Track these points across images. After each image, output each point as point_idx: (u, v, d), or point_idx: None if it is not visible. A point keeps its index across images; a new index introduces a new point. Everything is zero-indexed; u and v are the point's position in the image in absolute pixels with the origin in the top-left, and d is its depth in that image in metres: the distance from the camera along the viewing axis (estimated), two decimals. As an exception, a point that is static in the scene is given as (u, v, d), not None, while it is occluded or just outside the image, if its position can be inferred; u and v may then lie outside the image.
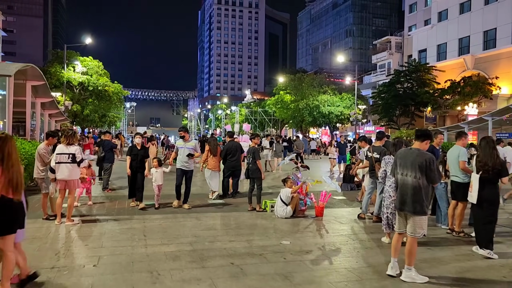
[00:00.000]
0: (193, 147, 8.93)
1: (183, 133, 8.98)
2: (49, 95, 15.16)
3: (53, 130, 8.33)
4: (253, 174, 8.50)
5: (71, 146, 7.09)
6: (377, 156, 7.53)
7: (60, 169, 6.97)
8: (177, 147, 9.05)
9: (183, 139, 8.97)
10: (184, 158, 8.79)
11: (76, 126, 34.82)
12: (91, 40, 30.65)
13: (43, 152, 7.38)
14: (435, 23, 43.69)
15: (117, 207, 8.85)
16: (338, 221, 7.77)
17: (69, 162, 7.02)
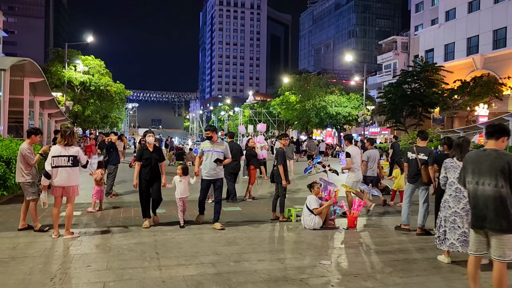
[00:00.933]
0: (223, 151, 7.10)
1: (211, 133, 7.16)
2: (49, 93, 14.23)
3: (35, 127, 7.16)
4: (278, 179, 7.56)
5: (70, 147, 6.12)
6: (424, 157, 6.66)
7: (58, 174, 5.99)
8: (203, 150, 7.18)
9: (211, 141, 7.14)
10: (212, 164, 7.00)
11: (77, 127, 33.89)
12: (92, 38, 29.77)
13: (27, 153, 6.36)
14: (443, 23, 43.00)
15: (122, 215, 7.89)
16: (376, 234, 6.79)
17: (69, 166, 6.06)
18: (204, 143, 7.30)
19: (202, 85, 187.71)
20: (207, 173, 7.06)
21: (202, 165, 7.15)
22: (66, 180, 6.03)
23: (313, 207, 6.79)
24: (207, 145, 7.16)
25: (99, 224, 7.12)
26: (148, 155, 7.02)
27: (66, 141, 6.13)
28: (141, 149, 7.19)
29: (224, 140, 9.61)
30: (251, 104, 69.43)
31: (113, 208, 8.65)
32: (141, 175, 6.98)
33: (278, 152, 7.59)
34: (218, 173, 7.11)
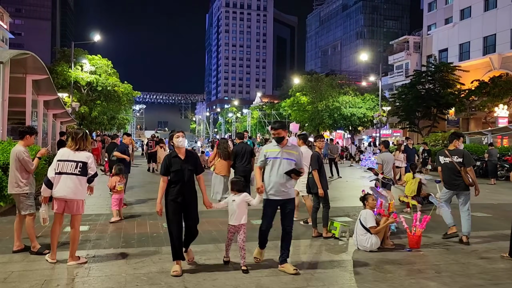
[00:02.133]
0: (295, 159, 5.02)
1: (281, 132, 5.00)
2: (54, 92, 13.19)
3: (29, 126, 5.88)
4: (314, 188, 6.39)
5: (81, 152, 4.98)
6: (459, 160, 6.42)
7: (62, 182, 4.82)
8: (267, 157, 5.03)
9: (280, 143, 5.02)
10: (281, 177, 4.88)
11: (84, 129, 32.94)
12: (99, 37, 28.80)
13: (24, 157, 5.21)
14: (457, 21, 42.03)
15: (137, 231, 6.72)
16: (447, 256, 5.57)
17: (77, 174, 4.88)
18: (268, 147, 5.19)
19: (208, 87, 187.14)
20: (274, 191, 4.92)
21: (264, 179, 5.01)
22: (71, 191, 4.85)
23: (370, 224, 5.59)
24: (274, 149, 5.03)
25: (111, 243, 5.96)
26: (178, 165, 4.80)
27: (77, 145, 5.00)
28: (168, 157, 4.93)
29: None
30: (260, 105, 68.39)
31: (126, 221, 7.51)
32: (168, 196, 4.80)
33: (314, 156, 6.43)
34: (289, 190, 4.99)
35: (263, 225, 5.05)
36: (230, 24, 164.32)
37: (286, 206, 4.97)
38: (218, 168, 9.19)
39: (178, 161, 4.85)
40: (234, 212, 4.98)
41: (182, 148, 4.95)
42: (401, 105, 34.90)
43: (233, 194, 5.09)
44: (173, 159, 4.86)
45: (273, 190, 4.91)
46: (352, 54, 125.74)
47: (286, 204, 4.97)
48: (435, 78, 34.06)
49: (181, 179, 4.78)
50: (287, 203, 4.98)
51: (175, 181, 4.79)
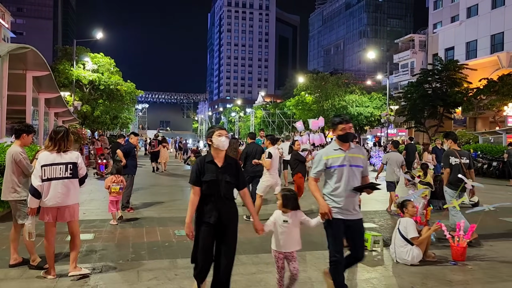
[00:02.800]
0: (362, 164, 3.98)
1: (348, 128, 3.88)
2: (55, 89, 12.61)
3: (26, 124, 5.08)
4: None
5: (68, 152, 4.40)
6: (467, 161, 6.31)
7: (52, 189, 4.25)
8: (328, 165, 3.90)
9: (342, 144, 3.92)
10: (349, 192, 3.85)
11: (86, 128, 32.34)
12: (101, 35, 28.23)
13: (22, 158, 4.63)
14: (464, 19, 41.57)
15: (146, 240, 6.12)
16: (498, 270, 4.96)
17: (68, 177, 4.31)
18: (327, 152, 3.96)
19: (210, 86, 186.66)
20: (340, 208, 3.81)
21: (325, 194, 3.93)
22: (64, 197, 4.29)
23: (412, 235, 4.97)
24: (336, 154, 3.87)
25: (119, 254, 5.35)
26: (213, 174, 3.62)
27: (57, 146, 4.36)
28: (200, 162, 3.72)
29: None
30: (263, 105, 67.76)
31: (133, 227, 6.91)
32: (200, 214, 3.65)
33: None
34: (358, 207, 3.99)
35: (332, 252, 3.80)
36: (232, 24, 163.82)
37: (355, 229, 3.85)
38: None
39: (213, 168, 3.61)
40: (284, 234, 3.80)
41: (223, 151, 3.70)
42: (407, 104, 34.47)
43: (284, 212, 3.86)
44: (207, 165, 3.63)
45: (338, 208, 3.81)
46: (355, 53, 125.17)
47: (355, 226, 3.83)
48: (442, 77, 33.58)
49: (215, 192, 3.59)
50: (356, 224, 3.85)
51: (208, 194, 3.60)
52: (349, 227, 3.82)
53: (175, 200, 10.08)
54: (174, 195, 11.09)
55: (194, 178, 3.64)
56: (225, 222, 3.61)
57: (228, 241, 3.62)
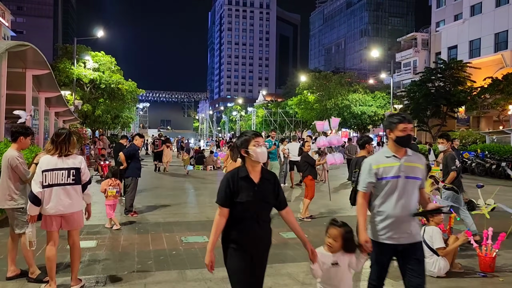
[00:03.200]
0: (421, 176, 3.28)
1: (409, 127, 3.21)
2: (56, 88, 12.29)
3: (23, 125, 4.81)
4: None
5: (71, 157, 4.10)
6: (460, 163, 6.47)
7: (54, 196, 3.96)
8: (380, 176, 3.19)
9: (400, 150, 3.22)
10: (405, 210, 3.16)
11: (86, 128, 32.03)
12: (102, 33, 27.87)
13: (19, 163, 4.30)
14: (467, 18, 41.29)
15: (152, 248, 5.79)
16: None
17: (70, 183, 4.02)
18: (377, 159, 3.24)
19: (211, 85, 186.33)
20: (390, 232, 3.12)
21: (373, 211, 3.24)
22: (68, 205, 4.00)
23: (438, 245, 4.64)
24: (389, 163, 3.17)
25: (124, 265, 5.01)
26: (250, 193, 2.88)
27: (60, 150, 4.06)
28: (231, 178, 2.93)
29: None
30: (264, 103, 67.43)
31: (138, 234, 6.59)
32: (229, 240, 2.92)
33: (354, 162, 5.49)
34: (414, 229, 3.17)
35: (372, 277, 3.26)
36: (233, 22, 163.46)
37: (410, 255, 3.10)
38: (229, 169, 8.48)
39: (249, 186, 2.87)
40: (332, 279, 2.99)
41: (259, 164, 2.96)
42: (410, 103, 34.21)
43: (332, 251, 3.01)
44: (241, 182, 2.88)
45: (388, 230, 3.10)
46: (356, 52, 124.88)
47: (410, 251, 3.10)
48: (445, 76, 33.31)
49: (251, 216, 2.88)
50: (412, 249, 3.11)
51: (241, 218, 2.88)
52: (402, 253, 3.10)
53: (180, 204, 9.76)
54: (179, 197, 10.78)
55: (223, 198, 2.87)
56: (260, 255, 2.95)
57: (261, 274, 3.01)
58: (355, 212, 3.31)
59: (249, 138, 2.95)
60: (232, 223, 2.89)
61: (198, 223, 7.45)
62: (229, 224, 2.89)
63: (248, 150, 2.90)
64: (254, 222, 2.88)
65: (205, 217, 8.06)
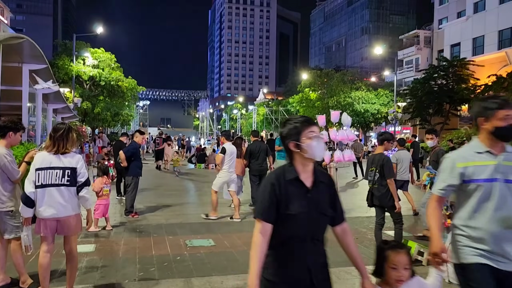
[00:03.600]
0: None
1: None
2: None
3: (13, 120, 4.05)
4: (382, 202, 5.06)
5: (68, 155, 3.67)
6: None
7: (48, 198, 3.55)
8: (468, 178, 2.42)
9: (498, 144, 2.44)
10: (505, 223, 2.35)
11: (86, 126, 31.63)
12: (102, 30, 27.38)
13: (7, 162, 3.86)
14: (471, 15, 40.94)
15: (155, 252, 5.36)
16: None
17: (66, 184, 3.60)
18: (464, 153, 2.52)
19: (211, 84, 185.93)
20: (487, 249, 2.34)
21: (457, 226, 2.47)
22: (62, 207, 3.58)
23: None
24: (482, 161, 2.41)
25: (124, 272, 4.59)
26: (302, 202, 2.10)
27: (57, 147, 3.65)
28: (275, 182, 2.10)
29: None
30: (265, 102, 66.98)
31: (139, 237, 6.17)
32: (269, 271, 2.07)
33: (386, 162, 5.09)
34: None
35: None
36: (233, 21, 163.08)
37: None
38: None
39: (300, 193, 2.11)
40: None
41: (311, 163, 2.17)
42: (413, 101, 33.90)
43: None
44: (289, 186, 2.10)
45: (485, 246, 2.34)
46: (358, 50, 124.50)
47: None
48: (448, 73, 33.02)
49: (302, 233, 2.09)
50: None
51: (290, 237, 2.09)
52: (503, 283, 2.31)
53: (183, 204, 9.34)
54: (181, 197, 10.37)
55: (267, 210, 2.07)
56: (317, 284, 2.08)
57: None
58: (367, 213, 2.86)
59: (300, 127, 2.14)
60: (276, 246, 2.08)
61: (202, 225, 7.04)
62: (273, 244, 2.08)
63: (301, 144, 2.11)
64: (307, 244, 2.09)
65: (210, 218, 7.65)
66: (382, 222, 5.20)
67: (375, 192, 5.14)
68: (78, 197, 3.70)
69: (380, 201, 5.10)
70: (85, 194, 3.72)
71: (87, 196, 3.75)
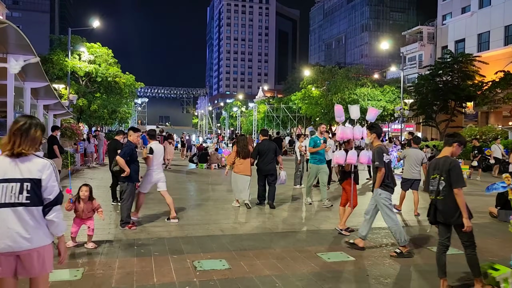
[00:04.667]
0: None
1: None
2: (43, 77, 10.80)
3: None
4: (448, 218, 4.02)
5: (24, 160, 2.57)
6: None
7: (0, 223, 2.50)
8: None
9: None
10: None
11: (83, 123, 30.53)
12: (98, 23, 26.24)
13: None
14: (476, 10, 40.32)
15: (156, 280, 4.30)
16: None
17: (24, 204, 2.53)
18: None
19: (210, 81, 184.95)
20: None
21: None
22: (20, 237, 2.51)
23: None
24: None
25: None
26: None
27: (11, 145, 2.58)
28: None
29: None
30: (266, 99, 65.98)
31: (137, 257, 5.12)
32: None
33: (453, 167, 4.03)
34: None
35: None
36: (231, 18, 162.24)
37: None
38: (238, 167, 8.60)
39: None
40: None
41: None
42: (418, 98, 33.07)
43: None
44: None
45: None
46: (358, 47, 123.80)
47: None
48: (454, 70, 32.21)
49: None
50: None
51: None
52: None
53: (186, 211, 8.26)
54: (184, 202, 9.30)
55: None
56: None
57: None
58: None
59: None
60: None
61: (211, 239, 6.01)
62: None
63: None
64: None
65: (218, 229, 6.61)
66: (447, 243, 4.14)
67: (439, 206, 4.10)
68: (48, 221, 2.62)
69: (445, 217, 4.08)
70: (55, 218, 2.62)
71: (57, 221, 2.64)
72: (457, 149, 4.16)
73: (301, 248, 5.59)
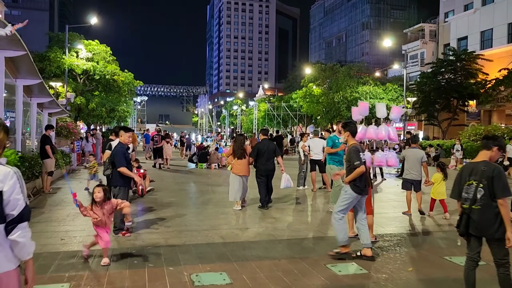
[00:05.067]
0: None
1: None
2: (35, 74, 10.33)
3: None
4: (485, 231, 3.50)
5: None
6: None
7: None
8: None
9: None
10: None
11: (81, 122, 30.03)
12: (96, 20, 25.76)
13: None
14: (479, 7, 40.08)
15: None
16: None
17: None
18: None
19: (210, 79, 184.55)
20: None
21: None
22: None
23: None
24: None
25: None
26: None
27: None
28: None
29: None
30: (266, 97, 65.50)
31: (130, 269, 4.67)
32: None
33: (497, 174, 3.51)
34: None
35: None
36: (232, 16, 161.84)
37: None
38: (236, 168, 8.35)
39: None
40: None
41: None
42: (420, 96, 32.71)
43: None
44: None
45: None
46: (358, 45, 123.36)
47: None
48: (456, 68, 31.83)
49: None
50: None
51: None
52: None
53: (185, 216, 7.77)
54: (182, 206, 8.83)
55: None
56: None
57: None
58: None
59: None
60: None
61: (210, 248, 5.56)
62: None
63: None
64: None
65: (219, 236, 6.16)
66: (477, 259, 3.65)
67: (474, 216, 3.60)
68: (12, 241, 2.12)
69: (480, 229, 3.60)
70: (19, 238, 2.13)
71: (22, 241, 2.14)
72: (497, 153, 3.65)
73: (308, 258, 5.15)
